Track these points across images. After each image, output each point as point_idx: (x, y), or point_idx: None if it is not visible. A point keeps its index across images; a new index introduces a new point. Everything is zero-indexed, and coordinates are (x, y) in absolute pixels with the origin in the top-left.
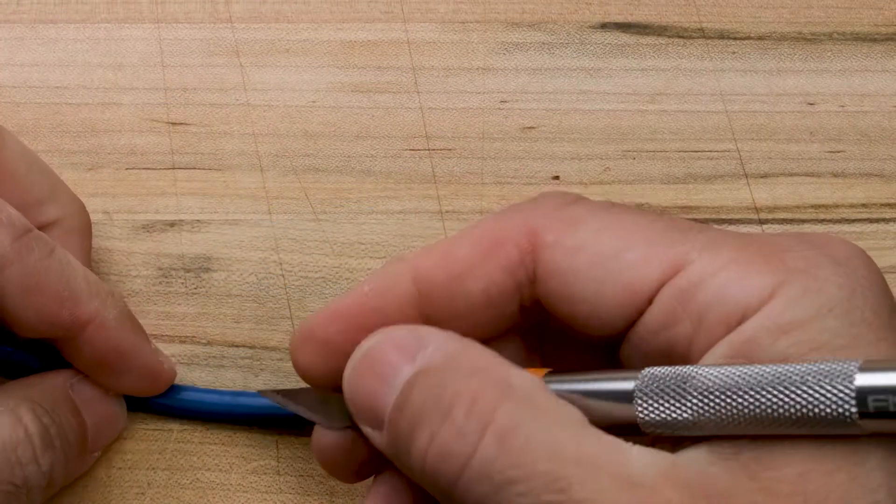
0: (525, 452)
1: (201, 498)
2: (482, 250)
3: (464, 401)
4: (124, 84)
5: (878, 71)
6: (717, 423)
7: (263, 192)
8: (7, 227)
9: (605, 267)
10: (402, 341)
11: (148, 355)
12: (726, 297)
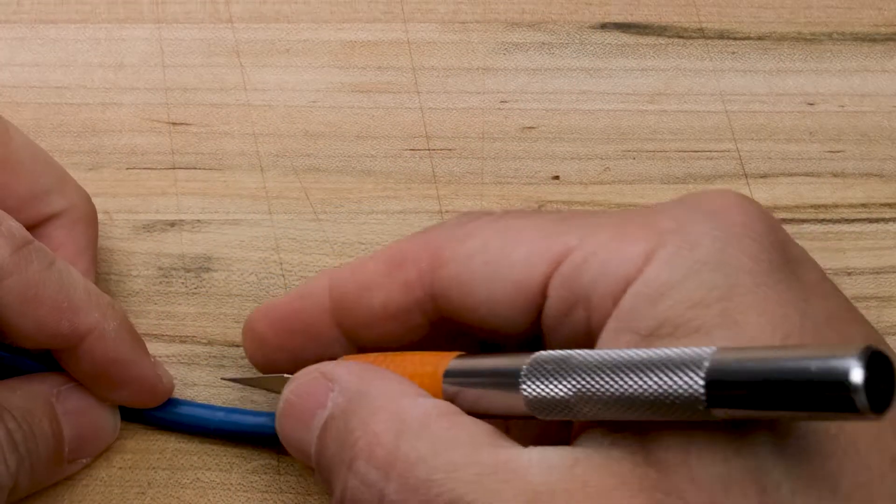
0: (429, 487)
1: (202, 497)
2: (386, 268)
3: (363, 449)
4: (125, 84)
5: (878, 71)
6: (592, 403)
7: (264, 192)
8: (7, 238)
9: (495, 269)
10: (313, 386)
11: (146, 368)
12: (607, 272)
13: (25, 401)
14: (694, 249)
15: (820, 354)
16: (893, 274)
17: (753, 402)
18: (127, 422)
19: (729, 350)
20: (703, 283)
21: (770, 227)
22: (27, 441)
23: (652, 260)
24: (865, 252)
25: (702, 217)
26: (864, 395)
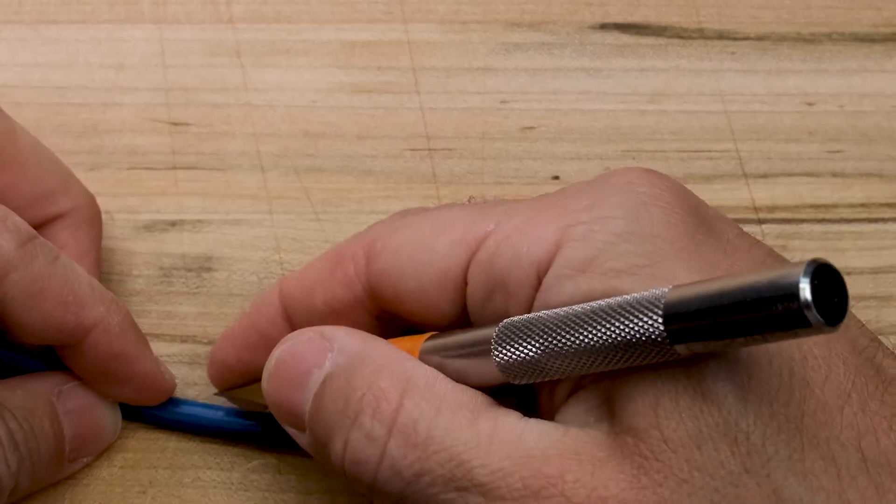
0: (428, 444)
1: (203, 496)
2: (328, 267)
3: (369, 404)
4: (126, 84)
5: (877, 71)
6: (561, 358)
7: (264, 192)
8: (12, 232)
9: (420, 259)
10: (309, 345)
11: (150, 363)
12: (519, 256)
13: (26, 400)
14: (606, 222)
15: (768, 275)
16: (892, 274)
17: (712, 331)
18: (128, 421)
19: (683, 286)
20: (622, 254)
21: (679, 194)
22: (28, 441)
23: (564, 241)
24: (865, 252)
25: (610, 193)
26: (813, 307)
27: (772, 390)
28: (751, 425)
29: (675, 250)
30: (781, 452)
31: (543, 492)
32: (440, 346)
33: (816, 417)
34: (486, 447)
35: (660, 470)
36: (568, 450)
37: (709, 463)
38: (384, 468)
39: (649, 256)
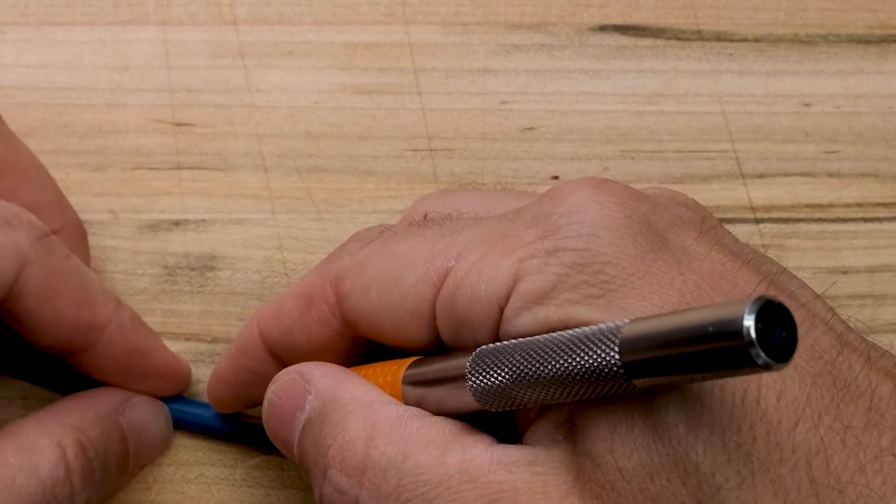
0: (399, 493)
1: (206, 492)
2: (300, 308)
3: (335, 456)
4: (130, 85)
5: (873, 72)
6: (528, 387)
7: (267, 192)
8: (28, 228)
9: (389, 301)
10: (291, 387)
11: (166, 354)
12: (478, 296)
13: (99, 425)
14: (560, 256)
15: (715, 314)
16: (888, 273)
17: (664, 367)
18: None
19: (639, 320)
20: (576, 286)
21: (629, 210)
22: (102, 469)
23: (520, 276)
24: (860, 251)
25: (562, 219)
26: (758, 347)
27: (723, 418)
28: (700, 456)
29: (626, 276)
30: (731, 482)
31: None
32: (419, 375)
33: (769, 440)
34: (457, 486)
35: (616, 500)
36: (536, 483)
37: (661, 494)
38: None
39: (601, 286)
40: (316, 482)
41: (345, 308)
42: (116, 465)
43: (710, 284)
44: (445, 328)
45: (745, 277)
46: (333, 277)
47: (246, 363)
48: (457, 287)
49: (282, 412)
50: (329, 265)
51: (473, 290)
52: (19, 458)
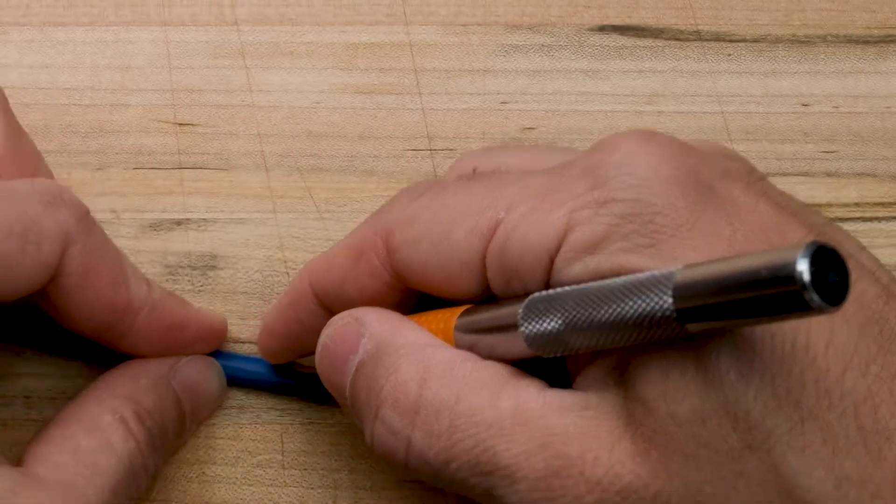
0: (451, 433)
1: (207, 491)
2: (350, 261)
3: (388, 396)
4: (132, 85)
5: (871, 72)
6: (582, 334)
7: (268, 192)
8: (70, 206)
9: (440, 253)
10: (346, 331)
11: (201, 317)
12: (529, 246)
13: (153, 391)
14: (610, 207)
15: (769, 259)
16: None
17: (717, 312)
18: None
19: (692, 266)
20: (627, 235)
21: (677, 162)
22: (161, 435)
23: (571, 226)
24: None
25: (612, 171)
26: (812, 291)
27: (774, 364)
28: (751, 402)
29: (676, 226)
30: (781, 427)
31: (564, 471)
32: (472, 323)
33: (817, 387)
34: (510, 429)
35: (668, 444)
36: (589, 427)
37: (712, 439)
38: (412, 458)
39: (651, 236)
40: (367, 423)
41: (395, 260)
42: (174, 427)
43: (758, 235)
44: (495, 279)
45: (793, 229)
46: (384, 231)
47: (297, 315)
48: (507, 238)
49: (335, 355)
50: (379, 218)
51: (524, 241)
52: (92, 440)
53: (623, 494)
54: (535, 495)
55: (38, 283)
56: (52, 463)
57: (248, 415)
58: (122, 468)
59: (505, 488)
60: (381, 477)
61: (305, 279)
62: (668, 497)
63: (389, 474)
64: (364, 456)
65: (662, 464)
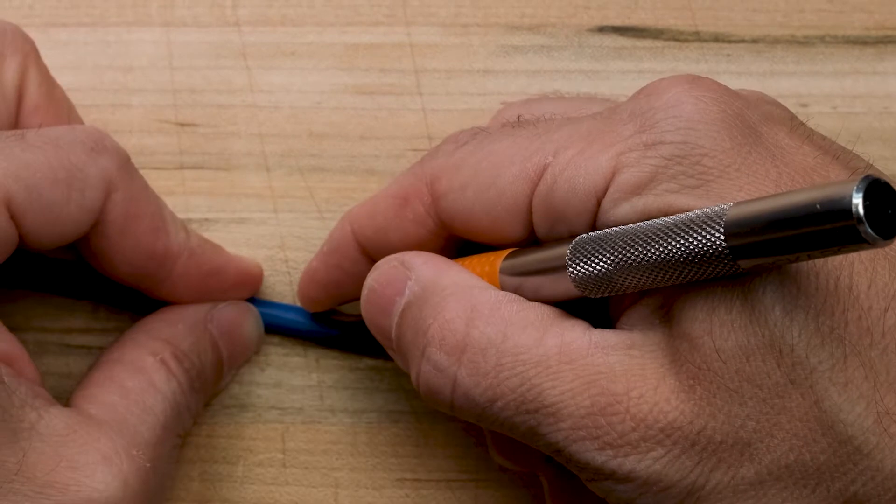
0: (498, 371)
1: (209, 489)
2: (395, 208)
3: (435, 335)
4: (134, 86)
5: (869, 73)
6: (631, 273)
7: (269, 192)
8: (113, 153)
9: (486, 198)
10: (392, 273)
11: (239, 264)
12: (576, 188)
13: (190, 335)
14: (658, 149)
15: (822, 194)
16: None
17: (770, 247)
18: None
19: (743, 203)
20: (674, 177)
21: (723, 104)
22: (200, 377)
23: (618, 168)
24: None
25: (659, 114)
26: (866, 224)
27: (818, 302)
28: (795, 338)
29: (723, 168)
30: (824, 364)
31: (610, 409)
32: (517, 265)
33: (860, 325)
34: (556, 367)
35: (712, 380)
36: (634, 365)
37: (756, 374)
38: (458, 396)
39: (699, 177)
40: (413, 362)
41: (441, 207)
42: (212, 371)
43: (802, 177)
44: (541, 222)
45: (836, 171)
46: (429, 178)
47: (338, 262)
48: (554, 181)
49: (381, 298)
50: (424, 166)
51: (571, 183)
52: (137, 381)
53: (667, 431)
54: (580, 433)
55: (82, 230)
56: (101, 403)
57: (249, 414)
58: (168, 407)
59: (550, 426)
60: (380, 475)
61: (347, 226)
62: (711, 433)
63: (389, 472)
64: (364, 454)
65: (707, 400)
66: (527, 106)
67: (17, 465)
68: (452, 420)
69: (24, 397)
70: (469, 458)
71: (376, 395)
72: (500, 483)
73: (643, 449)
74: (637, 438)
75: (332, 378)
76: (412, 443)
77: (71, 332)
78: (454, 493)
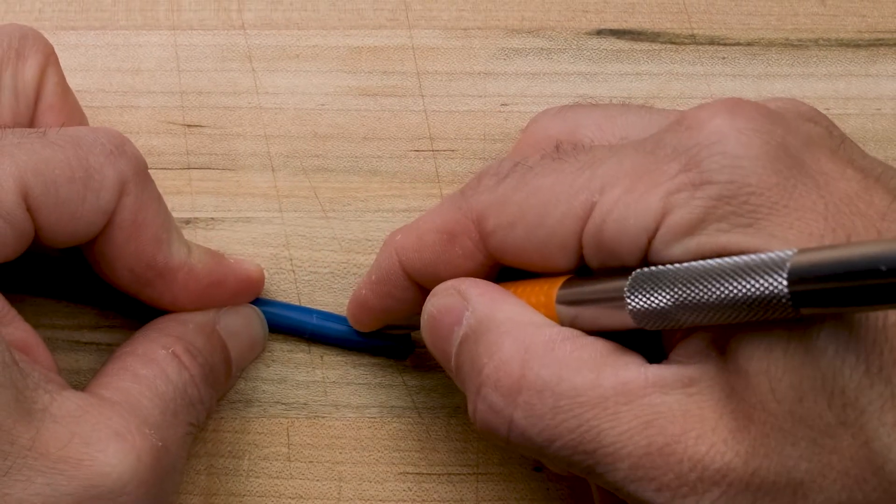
0: (554, 413)
1: (215, 483)
2: (443, 241)
3: (490, 376)
4: (142, 88)
5: (862, 75)
6: (691, 311)
7: (274, 191)
8: (131, 157)
9: (536, 236)
10: (450, 301)
11: (239, 272)
12: (626, 229)
13: (200, 334)
14: (704, 187)
15: (885, 249)
16: None
17: (834, 299)
18: None
19: (807, 251)
20: (725, 216)
21: (766, 136)
22: (212, 373)
23: (668, 209)
24: None
25: (704, 150)
26: None
27: (868, 343)
28: (847, 380)
29: (772, 205)
30: (874, 404)
31: (667, 449)
32: (573, 295)
33: None
34: (613, 408)
35: (766, 420)
36: (691, 405)
37: (809, 415)
38: (514, 435)
39: (749, 216)
40: (469, 397)
41: (490, 244)
42: (222, 369)
43: (847, 206)
44: (591, 256)
45: (879, 196)
46: (475, 214)
47: (388, 290)
48: (604, 220)
49: (441, 326)
50: (468, 201)
51: (622, 223)
52: (149, 369)
53: (723, 472)
54: (638, 473)
55: (94, 231)
56: (115, 387)
57: (254, 409)
58: (180, 396)
59: (608, 466)
60: (383, 469)
61: (394, 257)
62: (765, 473)
63: (391, 466)
64: (367, 448)
65: (760, 440)
66: (559, 117)
67: (31, 441)
68: (453, 415)
69: (37, 381)
70: (470, 452)
71: (379, 390)
72: (500, 476)
73: (700, 490)
74: (694, 479)
75: (336, 374)
76: (414, 437)
77: (81, 328)
78: (455, 486)
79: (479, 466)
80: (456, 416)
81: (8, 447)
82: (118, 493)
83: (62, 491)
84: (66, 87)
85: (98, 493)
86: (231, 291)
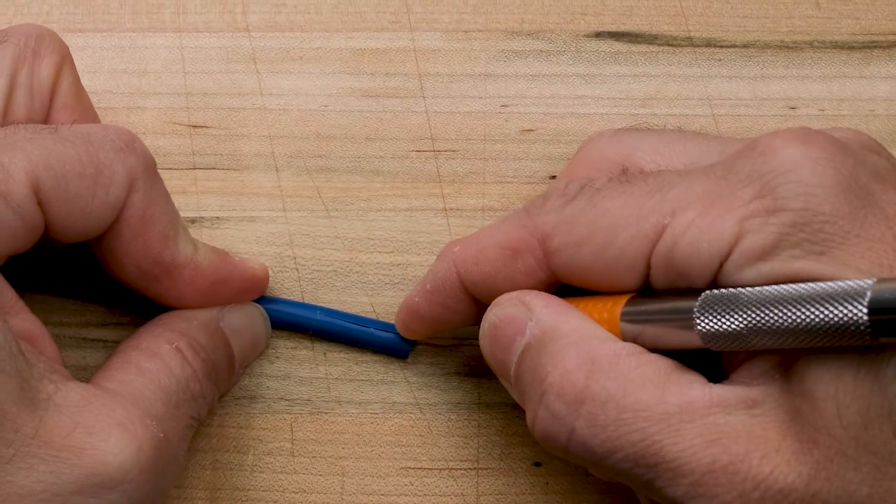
0: (618, 426)
1: (219, 477)
2: (505, 256)
3: (554, 385)
4: (148, 89)
5: (856, 77)
6: (762, 335)
7: (278, 191)
8: (140, 155)
9: (604, 257)
10: (513, 312)
11: (243, 270)
12: (699, 252)
13: (204, 330)
14: (779, 216)
15: None
16: None
17: None
18: None
19: (886, 281)
20: (797, 244)
21: (838, 166)
22: (215, 369)
23: (742, 234)
24: None
25: (779, 178)
26: None
27: None
28: None
29: (844, 234)
30: None
31: (731, 467)
32: (638, 313)
33: None
34: (677, 425)
35: (830, 445)
36: (755, 425)
37: (873, 442)
38: (574, 444)
39: (822, 244)
40: (530, 406)
41: (554, 262)
42: (225, 365)
43: None
44: (659, 277)
45: None
46: (540, 233)
47: (443, 301)
48: (675, 242)
49: (503, 335)
50: (533, 219)
51: (694, 246)
52: (153, 363)
53: (784, 493)
54: (700, 490)
55: (102, 227)
56: (118, 379)
57: (259, 405)
58: (182, 390)
59: (668, 481)
60: (385, 464)
61: (452, 268)
62: (825, 496)
63: (393, 461)
64: (370, 444)
65: (823, 464)
66: (615, 140)
67: (34, 430)
68: (454, 411)
69: (42, 371)
70: (470, 447)
71: (381, 386)
72: (500, 471)
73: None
74: (757, 498)
75: (339, 370)
76: (415, 433)
77: (88, 325)
78: (456, 481)
79: (480, 461)
80: (456, 412)
81: (12, 435)
82: (119, 482)
83: (64, 479)
84: (81, 87)
85: (100, 481)
86: (236, 289)
